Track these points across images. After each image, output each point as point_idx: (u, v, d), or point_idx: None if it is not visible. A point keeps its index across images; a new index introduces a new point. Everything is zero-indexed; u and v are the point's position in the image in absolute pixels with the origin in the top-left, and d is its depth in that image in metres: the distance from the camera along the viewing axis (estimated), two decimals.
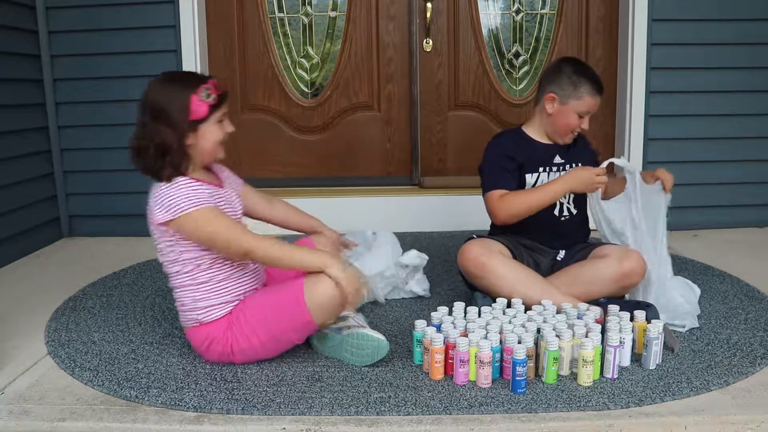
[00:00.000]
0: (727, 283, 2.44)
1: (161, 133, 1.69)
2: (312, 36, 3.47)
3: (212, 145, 1.77)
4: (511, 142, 2.18)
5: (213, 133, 1.76)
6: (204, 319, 1.77)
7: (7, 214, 2.89)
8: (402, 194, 3.41)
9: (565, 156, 2.19)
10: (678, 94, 3.18)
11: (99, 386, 1.71)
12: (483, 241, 2.10)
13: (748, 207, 3.28)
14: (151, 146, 1.70)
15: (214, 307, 1.77)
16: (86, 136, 3.25)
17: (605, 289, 2.01)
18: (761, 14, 3.09)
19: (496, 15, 3.46)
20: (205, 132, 1.74)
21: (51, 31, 3.16)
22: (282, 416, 1.55)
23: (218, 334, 1.76)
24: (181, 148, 1.71)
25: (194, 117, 1.71)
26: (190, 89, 1.70)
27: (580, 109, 2.10)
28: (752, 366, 1.75)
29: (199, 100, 1.70)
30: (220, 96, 1.75)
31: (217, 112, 1.75)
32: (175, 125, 1.69)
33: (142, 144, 1.72)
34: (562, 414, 1.54)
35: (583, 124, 2.13)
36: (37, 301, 2.37)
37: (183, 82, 1.74)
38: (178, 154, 1.71)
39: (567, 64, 2.15)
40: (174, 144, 1.69)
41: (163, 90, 1.72)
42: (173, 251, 1.75)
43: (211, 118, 1.74)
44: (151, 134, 1.70)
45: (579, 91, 2.09)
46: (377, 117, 3.50)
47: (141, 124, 1.73)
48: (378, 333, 1.80)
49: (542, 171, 2.16)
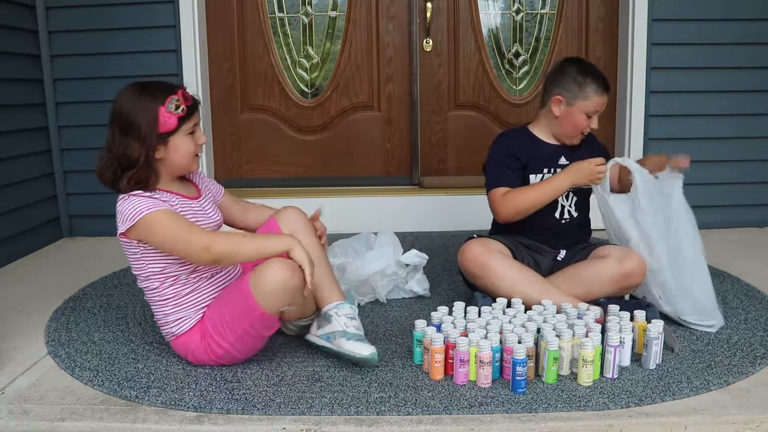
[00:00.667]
0: (727, 283, 2.44)
1: (127, 147, 1.66)
2: (312, 36, 3.47)
3: (184, 157, 1.73)
4: (516, 141, 2.17)
5: (184, 146, 1.72)
6: (177, 331, 1.77)
7: (7, 214, 2.89)
8: (402, 194, 3.41)
9: (570, 158, 2.16)
10: (678, 94, 3.18)
11: (99, 386, 1.71)
12: (483, 241, 2.10)
13: (748, 207, 3.29)
14: (115, 161, 1.68)
15: (182, 319, 1.76)
16: (86, 136, 3.25)
17: (605, 289, 2.01)
18: (761, 14, 3.09)
19: (496, 15, 3.46)
20: (177, 144, 1.70)
21: (51, 31, 3.17)
22: (282, 416, 1.55)
23: (194, 343, 1.75)
24: (148, 162, 1.67)
25: (163, 130, 1.67)
26: (159, 101, 1.66)
27: (587, 108, 2.09)
28: (752, 366, 1.75)
29: (167, 112, 1.66)
30: (189, 107, 1.71)
31: (187, 123, 1.71)
32: (142, 139, 1.66)
33: (109, 157, 1.69)
34: (562, 414, 1.54)
35: (592, 123, 2.11)
36: (37, 301, 2.37)
37: (151, 93, 1.68)
38: (143, 169, 1.67)
39: (570, 65, 2.13)
40: (141, 158, 1.66)
41: (131, 101, 1.68)
42: (140, 264, 1.73)
43: (181, 130, 1.70)
44: (117, 147, 1.67)
45: (585, 90, 2.07)
46: (377, 117, 3.50)
47: (110, 138, 1.70)
48: (362, 346, 1.72)
49: (546, 172, 2.15)
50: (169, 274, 1.73)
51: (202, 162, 3.28)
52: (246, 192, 3.20)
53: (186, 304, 1.75)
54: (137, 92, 1.70)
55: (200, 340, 1.75)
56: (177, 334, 1.77)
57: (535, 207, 2.06)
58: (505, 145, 2.17)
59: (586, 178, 2.03)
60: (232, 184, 3.48)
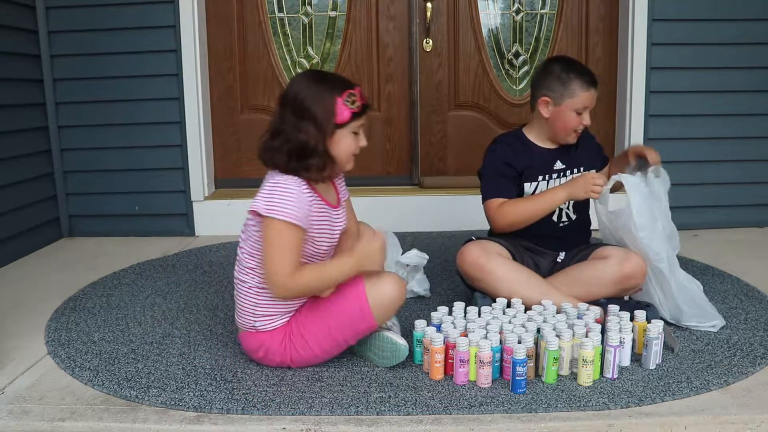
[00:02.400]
0: (727, 283, 2.44)
1: (304, 132, 1.64)
2: (312, 36, 3.47)
3: (344, 154, 1.71)
4: (510, 148, 2.15)
5: (347, 142, 1.70)
6: (261, 327, 1.74)
7: (7, 214, 2.89)
8: (402, 194, 3.41)
9: (566, 161, 2.16)
10: (678, 94, 3.18)
11: (99, 386, 1.71)
12: (482, 243, 2.09)
13: (748, 207, 3.28)
14: (286, 144, 1.65)
15: (272, 316, 1.74)
16: (86, 136, 3.26)
17: (606, 290, 2.00)
18: (761, 14, 3.09)
19: (496, 15, 3.46)
20: (341, 139, 1.68)
21: (51, 31, 3.16)
22: (282, 416, 1.55)
23: (274, 344, 1.73)
24: (326, 150, 1.66)
25: (338, 120, 1.65)
26: (337, 91, 1.65)
27: (576, 106, 2.06)
28: (752, 366, 1.75)
29: (344, 103, 1.65)
30: (363, 105, 1.70)
31: (357, 121, 1.69)
32: (319, 125, 1.64)
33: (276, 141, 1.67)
34: (562, 414, 1.54)
35: (583, 120, 2.09)
36: (37, 301, 2.37)
37: (330, 82, 1.68)
38: (322, 157, 1.65)
39: (553, 64, 2.11)
40: (319, 146, 1.65)
41: (309, 87, 1.66)
42: (256, 242, 1.70)
43: (350, 126, 1.68)
44: (290, 131, 1.65)
45: (570, 88, 2.05)
46: (377, 117, 3.49)
47: (279, 121, 1.68)
48: (400, 337, 1.78)
49: (541, 179, 2.13)
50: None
51: (201, 161, 3.28)
52: (246, 192, 3.19)
53: (279, 301, 1.72)
54: (315, 80, 1.69)
55: (281, 342, 1.73)
56: (259, 329, 1.74)
57: (531, 220, 2.05)
58: (500, 152, 2.15)
59: (583, 191, 2.00)
60: (232, 184, 3.49)
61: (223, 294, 2.40)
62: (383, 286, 1.69)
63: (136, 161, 3.25)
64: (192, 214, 3.32)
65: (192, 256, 2.93)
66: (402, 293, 1.72)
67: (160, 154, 3.26)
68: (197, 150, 3.27)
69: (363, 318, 1.69)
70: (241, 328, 1.80)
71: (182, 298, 2.38)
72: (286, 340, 1.73)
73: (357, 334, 1.74)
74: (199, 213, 3.32)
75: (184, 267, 2.76)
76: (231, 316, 1.85)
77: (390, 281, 1.70)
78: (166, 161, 3.27)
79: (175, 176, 3.29)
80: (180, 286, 2.52)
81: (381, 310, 1.70)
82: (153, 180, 3.28)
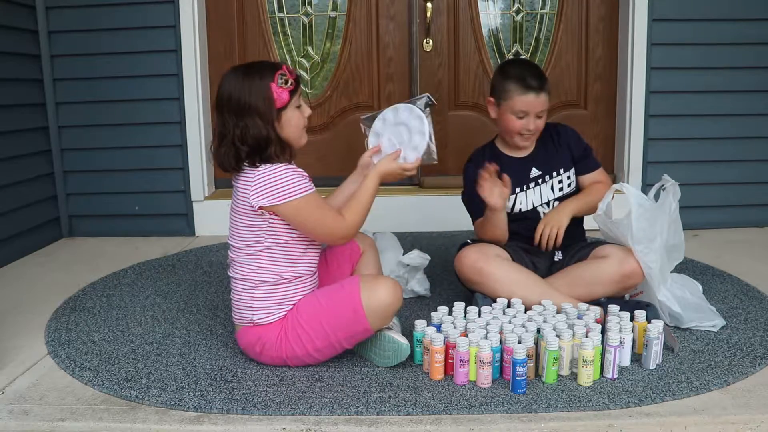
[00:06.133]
0: (727, 283, 2.44)
1: (252, 127, 1.67)
2: (312, 36, 3.47)
3: (296, 131, 1.76)
4: (480, 167, 2.07)
5: (295, 119, 1.75)
6: (258, 320, 1.75)
7: (7, 214, 2.89)
8: (402, 194, 3.41)
9: (542, 166, 2.14)
10: (678, 94, 3.18)
11: (99, 386, 1.71)
12: (479, 246, 2.09)
13: (748, 207, 3.28)
14: (242, 145, 1.67)
15: (269, 308, 1.74)
16: (86, 136, 3.26)
17: (606, 289, 2.00)
18: (761, 14, 3.09)
19: (496, 15, 3.46)
20: (289, 119, 1.73)
21: (51, 31, 3.17)
22: (282, 416, 1.55)
23: (271, 338, 1.74)
24: (278, 137, 1.70)
25: (279, 105, 1.69)
26: (268, 78, 1.68)
27: (513, 108, 2.05)
28: (752, 366, 1.75)
29: (278, 87, 1.68)
30: (295, 80, 1.74)
31: (295, 97, 1.74)
32: (263, 116, 1.67)
33: (226, 143, 1.69)
34: (562, 414, 1.54)
35: (528, 125, 2.06)
36: (37, 301, 2.37)
37: (258, 71, 1.70)
38: (278, 144, 1.69)
39: (504, 65, 2.11)
40: (271, 133, 1.68)
41: (240, 83, 1.69)
42: (260, 237, 1.72)
43: (291, 103, 1.73)
44: (239, 132, 1.67)
45: (506, 90, 2.05)
46: None
47: (222, 125, 1.70)
48: (401, 336, 1.78)
49: (518, 191, 2.12)
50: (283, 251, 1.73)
51: (201, 161, 3.28)
52: None
53: (276, 294, 1.74)
54: (243, 74, 1.71)
55: (277, 336, 1.74)
56: (257, 322, 1.75)
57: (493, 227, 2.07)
58: (471, 173, 2.14)
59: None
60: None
61: (223, 294, 2.40)
62: (378, 290, 1.69)
63: (136, 161, 3.25)
64: (192, 214, 3.32)
65: (192, 256, 2.94)
66: (397, 298, 1.71)
67: (160, 154, 3.26)
68: (197, 150, 3.26)
69: (356, 320, 1.69)
70: (238, 324, 1.81)
71: (182, 298, 2.38)
72: (282, 334, 1.73)
73: (351, 337, 1.73)
74: (199, 213, 3.32)
75: (184, 267, 2.77)
76: (231, 316, 1.85)
77: (385, 285, 1.70)
78: (166, 161, 3.27)
79: (175, 176, 3.29)
80: (180, 286, 2.52)
81: (375, 314, 1.69)
82: (153, 180, 3.28)
